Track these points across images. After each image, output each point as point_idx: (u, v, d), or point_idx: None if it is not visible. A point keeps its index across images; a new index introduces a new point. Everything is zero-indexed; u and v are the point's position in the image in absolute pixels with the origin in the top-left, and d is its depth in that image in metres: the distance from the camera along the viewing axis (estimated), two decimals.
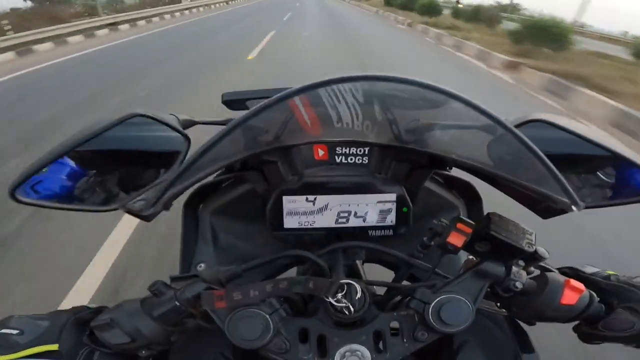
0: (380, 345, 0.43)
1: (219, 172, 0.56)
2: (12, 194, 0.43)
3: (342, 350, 0.41)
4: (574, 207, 0.35)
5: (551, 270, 0.46)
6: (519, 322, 0.52)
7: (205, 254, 0.58)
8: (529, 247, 0.41)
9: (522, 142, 0.36)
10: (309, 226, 0.52)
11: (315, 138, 0.52)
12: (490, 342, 0.50)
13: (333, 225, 0.52)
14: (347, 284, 0.42)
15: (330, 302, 0.41)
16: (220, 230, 0.59)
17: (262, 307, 0.41)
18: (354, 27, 12.93)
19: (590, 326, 0.46)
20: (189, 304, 0.41)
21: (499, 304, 0.49)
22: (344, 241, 0.52)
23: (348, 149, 0.53)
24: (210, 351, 0.49)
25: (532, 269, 0.47)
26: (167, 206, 0.38)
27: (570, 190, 0.35)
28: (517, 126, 0.46)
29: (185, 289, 0.41)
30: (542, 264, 0.47)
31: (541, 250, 0.44)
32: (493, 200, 0.60)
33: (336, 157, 0.54)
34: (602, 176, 0.49)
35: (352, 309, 0.41)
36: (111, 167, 0.50)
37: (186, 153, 0.47)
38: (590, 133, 0.44)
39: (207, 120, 0.66)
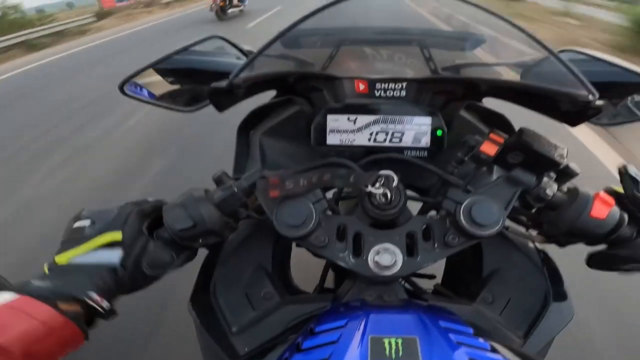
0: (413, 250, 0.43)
1: (272, 97, 0.63)
2: (121, 89, 0.57)
3: (376, 247, 0.42)
4: (590, 97, 0.36)
5: None
6: (556, 266, 0.51)
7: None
8: (560, 158, 0.41)
9: (550, 51, 0.39)
10: (349, 143, 0.56)
11: (357, 74, 0.57)
12: (520, 275, 0.49)
13: (371, 143, 0.55)
14: (385, 175, 0.42)
15: (369, 192, 0.42)
16: (268, 149, 0.62)
17: (307, 197, 0.43)
18: None
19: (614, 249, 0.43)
20: (245, 193, 0.45)
21: (530, 222, 0.48)
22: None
23: (387, 84, 0.56)
24: (251, 263, 0.52)
25: (564, 187, 0.45)
26: (239, 90, 0.43)
27: (587, 82, 0.37)
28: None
29: (243, 179, 0.46)
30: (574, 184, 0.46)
31: (573, 165, 0.44)
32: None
33: (375, 92, 0.56)
34: (629, 98, 0.51)
35: (389, 195, 0.42)
36: (192, 81, 0.63)
37: None
38: (615, 60, 0.46)
39: None
